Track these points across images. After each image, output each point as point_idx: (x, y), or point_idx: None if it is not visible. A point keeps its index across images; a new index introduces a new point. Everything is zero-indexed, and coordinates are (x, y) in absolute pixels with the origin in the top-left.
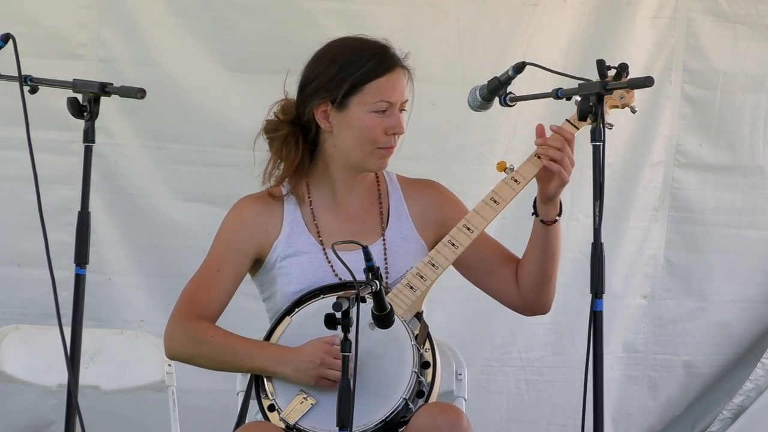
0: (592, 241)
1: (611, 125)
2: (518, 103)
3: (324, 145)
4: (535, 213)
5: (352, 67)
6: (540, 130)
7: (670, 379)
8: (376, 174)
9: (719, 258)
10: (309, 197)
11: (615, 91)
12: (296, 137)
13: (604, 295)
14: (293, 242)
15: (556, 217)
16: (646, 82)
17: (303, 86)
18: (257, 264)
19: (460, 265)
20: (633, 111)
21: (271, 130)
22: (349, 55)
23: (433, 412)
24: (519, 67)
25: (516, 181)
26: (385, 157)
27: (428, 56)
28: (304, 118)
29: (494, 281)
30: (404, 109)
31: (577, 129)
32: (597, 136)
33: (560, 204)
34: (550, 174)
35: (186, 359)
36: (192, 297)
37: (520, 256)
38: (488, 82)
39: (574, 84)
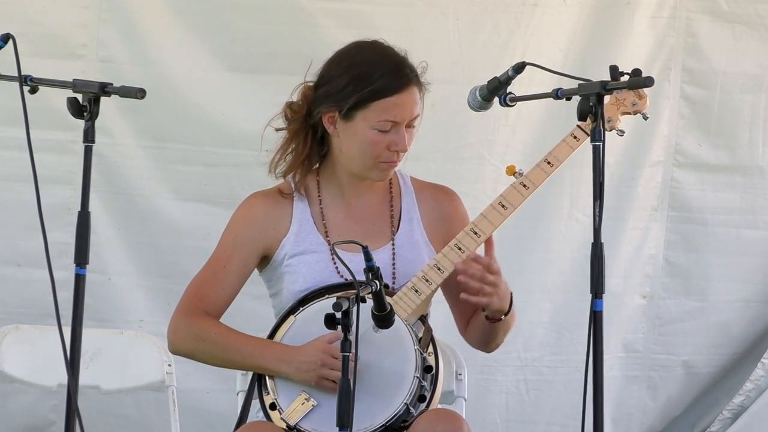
0: (591, 240)
1: (622, 132)
2: (518, 103)
3: (332, 147)
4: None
5: (363, 82)
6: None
7: (670, 379)
8: None
9: (718, 258)
10: (319, 196)
11: (627, 98)
12: (306, 132)
13: (603, 294)
14: (301, 241)
15: (502, 317)
16: (646, 82)
17: (316, 87)
18: (265, 260)
19: None
20: (645, 118)
21: (285, 119)
22: (362, 67)
23: (433, 420)
24: (519, 67)
25: (525, 186)
26: (387, 170)
27: (428, 56)
28: (314, 118)
29: (455, 309)
30: (413, 126)
31: (588, 135)
32: (597, 136)
33: (511, 300)
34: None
35: (188, 354)
36: (197, 292)
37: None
38: (488, 82)
39: (573, 84)
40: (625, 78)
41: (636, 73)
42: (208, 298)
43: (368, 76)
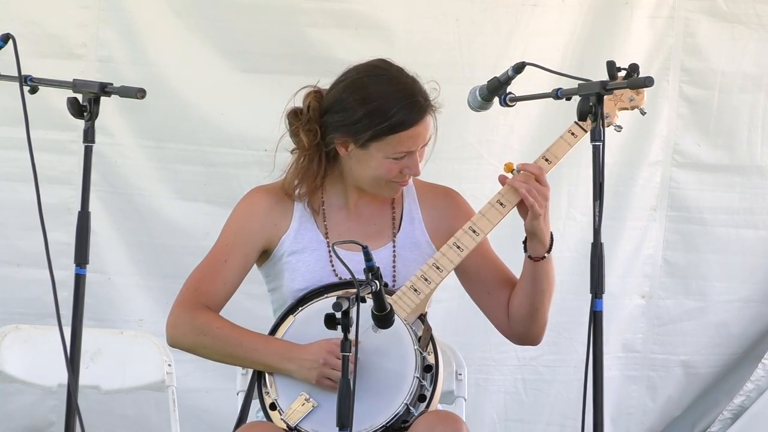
0: (588, 240)
1: (620, 127)
2: (517, 102)
3: (342, 161)
4: (525, 249)
5: (379, 117)
6: (502, 180)
7: (669, 379)
8: None
9: (717, 258)
10: (322, 197)
11: (624, 93)
12: (319, 155)
13: (602, 294)
14: (301, 238)
15: (545, 254)
16: (645, 82)
17: (327, 111)
18: (264, 255)
19: (462, 276)
20: (642, 113)
21: (296, 145)
22: (378, 102)
23: (432, 421)
24: (519, 67)
25: None
26: (398, 189)
27: (428, 56)
28: (327, 146)
29: (490, 303)
30: (426, 146)
31: (586, 132)
32: (597, 136)
33: (551, 241)
34: (525, 207)
35: (188, 348)
36: (198, 286)
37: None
38: (488, 82)
39: (573, 84)
40: (622, 73)
41: (633, 67)
42: (208, 292)
43: (384, 111)
